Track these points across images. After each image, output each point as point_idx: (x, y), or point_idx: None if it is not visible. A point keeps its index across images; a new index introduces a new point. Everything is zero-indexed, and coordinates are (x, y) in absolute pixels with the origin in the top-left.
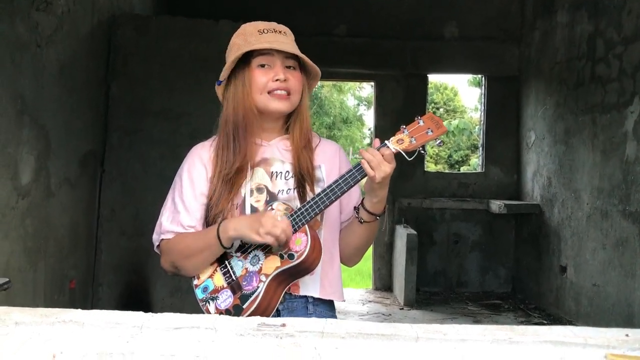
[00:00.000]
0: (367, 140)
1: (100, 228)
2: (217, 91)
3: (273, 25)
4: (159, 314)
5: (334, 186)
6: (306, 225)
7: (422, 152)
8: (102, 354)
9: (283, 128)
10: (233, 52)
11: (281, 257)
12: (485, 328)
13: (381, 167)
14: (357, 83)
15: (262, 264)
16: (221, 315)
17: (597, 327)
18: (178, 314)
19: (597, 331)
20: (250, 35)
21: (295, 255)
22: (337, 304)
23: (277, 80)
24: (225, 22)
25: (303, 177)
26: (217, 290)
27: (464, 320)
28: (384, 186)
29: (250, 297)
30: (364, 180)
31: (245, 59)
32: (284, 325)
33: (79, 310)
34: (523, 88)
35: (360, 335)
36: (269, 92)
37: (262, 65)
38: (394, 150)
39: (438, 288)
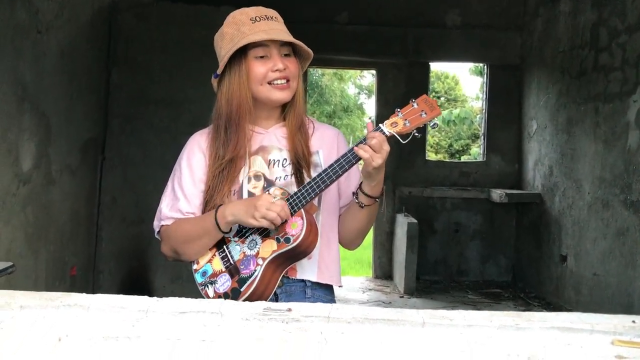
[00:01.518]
0: (367, 127)
1: (101, 215)
2: (212, 84)
3: (262, 11)
4: (164, 299)
5: (329, 170)
6: (302, 210)
7: (417, 135)
8: (107, 338)
9: (280, 115)
10: (226, 43)
11: (277, 240)
12: (492, 314)
13: (374, 159)
14: (358, 71)
15: (259, 248)
16: (220, 298)
17: (603, 314)
18: (183, 299)
19: (604, 317)
20: (243, 24)
21: (292, 238)
22: (337, 291)
23: (276, 70)
24: (227, 8)
25: (299, 161)
26: (215, 275)
27: (464, 308)
28: (381, 170)
29: (248, 280)
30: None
31: (241, 50)
32: (289, 310)
33: (84, 295)
34: (525, 77)
35: (367, 320)
36: (269, 83)
37: (260, 56)
38: (387, 134)
39: (438, 276)
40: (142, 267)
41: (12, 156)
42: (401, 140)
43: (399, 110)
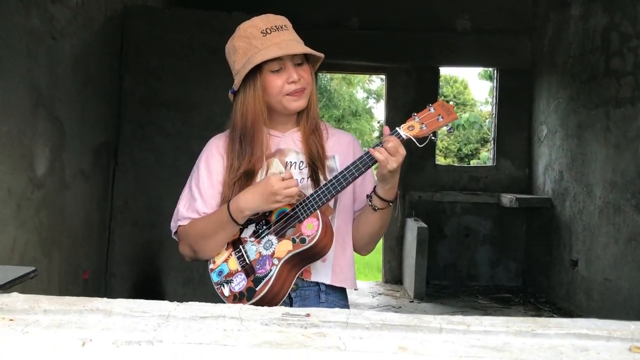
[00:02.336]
0: (377, 134)
1: (114, 219)
2: (230, 98)
3: (272, 21)
4: (184, 303)
5: (345, 172)
6: (318, 211)
7: (433, 138)
8: (130, 342)
9: (296, 120)
10: (239, 57)
11: (293, 241)
12: (508, 320)
13: (394, 157)
14: (367, 76)
15: (275, 248)
16: (234, 298)
17: (620, 320)
18: (203, 303)
19: (621, 324)
20: (254, 38)
21: (307, 239)
22: (348, 296)
23: (292, 82)
24: (238, 14)
25: (314, 163)
26: (231, 274)
27: (473, 313)
28: (396, 173)
29: (263, 279)
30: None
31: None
32: (308, 315)
33: (105, 299)
34: (535, 81)
35: (384, 326)
36: (286, 94)
37: (274, 70)
38: (404, 137)
39: (448, 281)
40: (153, 271)
41: (27, 161)
42: (417, 144)
43: (415, 114)
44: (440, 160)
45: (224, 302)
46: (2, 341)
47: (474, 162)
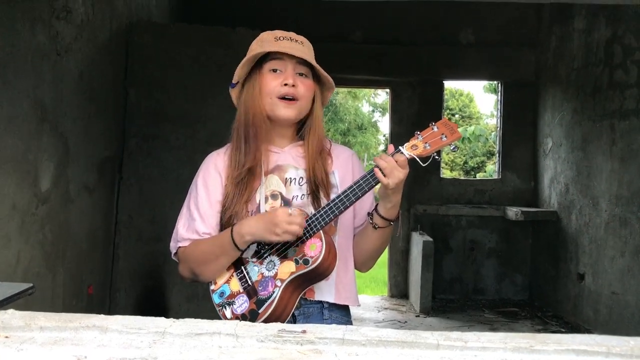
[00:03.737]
0: (382, 147)
1: (118, 234)
2: (231, 94)
3: (291, 34)
4: (180, 320)
5: (348, 192)
6: (321, 231)
7: (437, 158)
8: (125, 359)
9: (295, 134)
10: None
11: (296, 262)
12: (506, 336)
13: (394, 173)
14: (372, 90)
15: (277, 269)
16: (237, 319)
17: (620, 336)
18: (199, 320)
19: (621, 340)
20: (267, 42)
21: (310, 260)
22: (352, 311)
23: (285, 84)
24: (242, 29)
25: (317, 184)
26: (233, 295)
27: (480, 327)
28: (398, 192)
29: (266, 301)
30: (377, 186)
31: (259, 65)
32: (304, 331)
33: (102, 316)
34: (540, 94)
35: (381, 342)
36: (278, 97)
37: (274, 70)
38: (407, 156)
39: (454, 295)
40: (158, 285)
41: (32, 176)
42: (421, 163)
43: (418, 133)
44: (446, 173)
45: None
46: None
47: (480, 175)
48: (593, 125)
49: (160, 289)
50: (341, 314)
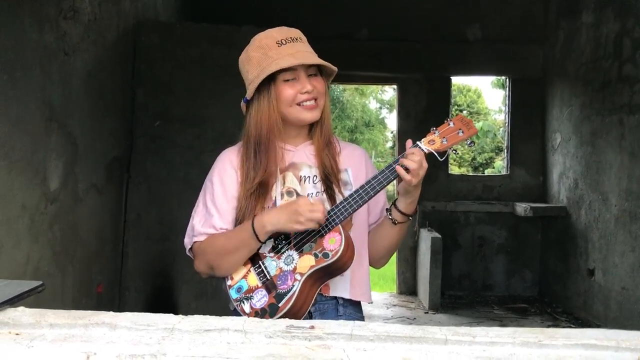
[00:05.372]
0: (390, 144)
1: (127, 233)
2: (242, 108)
3: (287, 32)
4: (188, 316)
5: (367, 187)
6: (340, 225)
7: (454, 152)
8: (134, 356)
9: (308, 133)
10: (253, 67)
11: (315, 256)
12: (514, 330)
13: (419, 172)
14: (379, 86)
15: (296, 263)
16: (256, 314)
17: (629, 330)
18: (207, 316)
19: (630, 334)
20: (269, 48)
21: (330, 254)
22: (362, 308)
23: (305, 92)
24: (248, 27)
25: (328, 177)
26: (251, 290)
27: (490, 324)
28: (418, 187)
29: (286, 295)
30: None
31: (269, 75)
32: (312, 327)
33: (111, 313)
34: (548, 89)
35: (389, 337)
36: (298, 104)
37: (287, 79)
38: (426, 151)
39: (463, 292)
40: (166, 283)
41: (40, 176)
42: (439, 158)
43: (435, 128)
44: (454, 169)
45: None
46: (7, 355)
47: (488, 171)
48: (602, 120)
49: (169, 287)
50: (355, 310)
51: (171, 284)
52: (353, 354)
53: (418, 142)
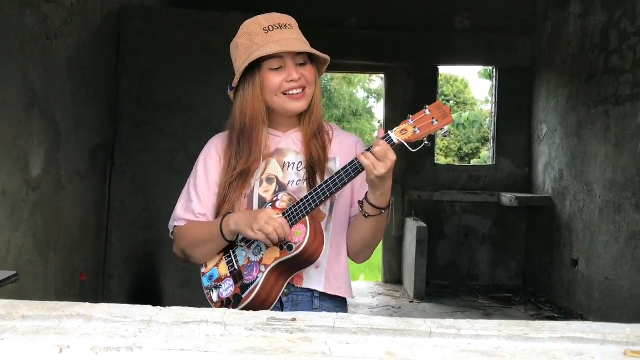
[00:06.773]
0: (377, 134)
1: (111, 220)
2: (229, 95)
3: (276, 19)
4: (166, 308)
5: (335, 178)
6: (307, 217)
7: (427, 143)
8: (109, 349)
9: (298, 120)
10: (240, 54)
11: (281, 248)
12: (500, 323)
13: (377, 167)
14: (367, 75)
15: (263, 255)
16: (222, 304)
17: (615, 323)
18: (186, 308)
19: (616, 327)
20: (256, 35)
21: (294, 246)
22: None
23: (291, 80)
24: (235, 13)
25: (313, 167)
26: (221, 279)
27: (474, 313)
28: (387, 179)
29: (250, 287)
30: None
31: (255, 62)
32: (294, 319)
33: (86, 304)
34: (535, 80)
35: (372, 330)
36: (284, 93)
37: (274, 68)
38: (396, 141)
39: (448, 281)
40: (151, 271)
41: (22, 162)
42: (410, 149)
43: (410, 116)
44: (440, 159)
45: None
46: None
47: (474, 162)
48: (588, 111)
49: (154, 275)
50: (334, 304)
51: (156, 272)
52: (335, 347)
53: (389, 132)
